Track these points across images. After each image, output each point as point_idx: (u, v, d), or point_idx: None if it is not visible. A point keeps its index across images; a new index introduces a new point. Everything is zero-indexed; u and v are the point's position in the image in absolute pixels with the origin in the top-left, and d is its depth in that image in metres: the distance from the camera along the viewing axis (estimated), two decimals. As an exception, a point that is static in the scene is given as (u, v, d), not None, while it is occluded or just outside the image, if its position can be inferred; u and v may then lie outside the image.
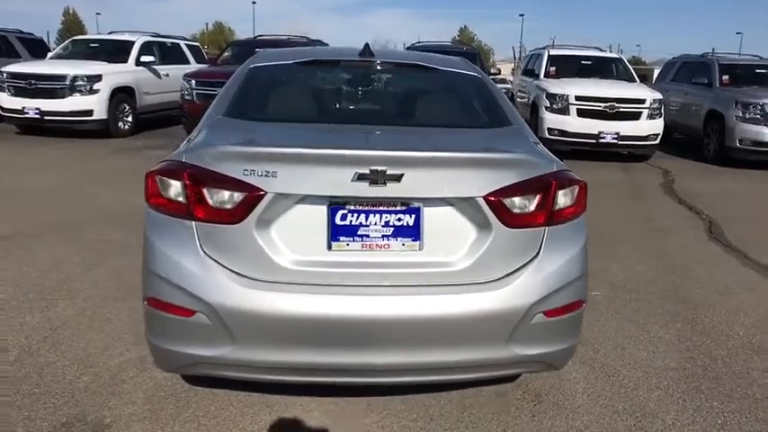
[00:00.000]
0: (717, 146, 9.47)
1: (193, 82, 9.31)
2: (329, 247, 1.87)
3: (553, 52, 10.77)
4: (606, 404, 2.43)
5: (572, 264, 1.99)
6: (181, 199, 1.87)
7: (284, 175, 1.81)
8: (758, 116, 8.92)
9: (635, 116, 9.00)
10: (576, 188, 2.02)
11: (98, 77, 9.37)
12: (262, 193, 1.81)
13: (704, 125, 9.93)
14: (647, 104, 9.05)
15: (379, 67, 2.65)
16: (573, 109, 8.93)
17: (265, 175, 1.80)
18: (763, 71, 10.46)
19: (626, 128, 8.86)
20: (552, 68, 10.31)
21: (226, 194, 1.83)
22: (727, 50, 15.18)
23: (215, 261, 1.85)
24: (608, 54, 11.50)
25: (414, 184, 1.82)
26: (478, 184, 1.88)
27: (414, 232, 1.89)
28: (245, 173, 1.81)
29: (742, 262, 4.41)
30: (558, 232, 1.98)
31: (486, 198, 1.88)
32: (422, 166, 1.84)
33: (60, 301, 3.29)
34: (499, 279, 1.90)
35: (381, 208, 1.87)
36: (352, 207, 1.86)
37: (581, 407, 2.41)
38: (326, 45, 12.69)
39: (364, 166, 1.80)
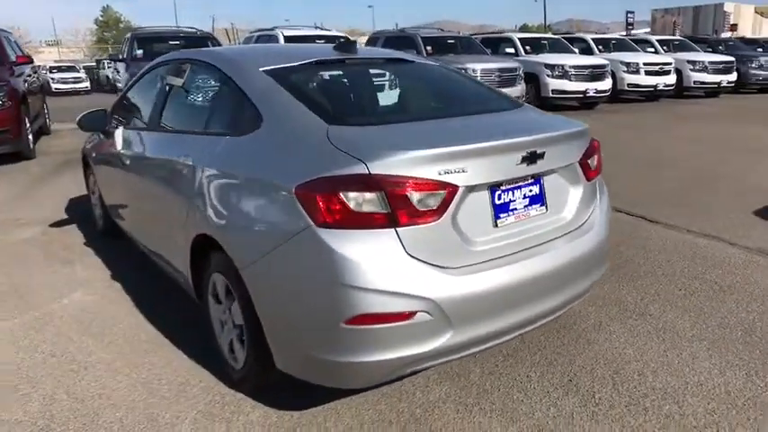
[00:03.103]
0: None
1: None
2: (495, 225, 2.12)
3: (288, 33, 11.22)
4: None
5: (608, 202, 2.67)
6: (379, 209, 1.85)
7: (471, 169, 1.97)
8: (463, 78, 11.15)
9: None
10: None
11: None
12: (455, 188, 1.95)
13: (422, 90, 11.88)
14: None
15: (381, 64, 2.77)
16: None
17: (457, 172, 1.94)
18: (452, 41, 12.96)
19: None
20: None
21: (427, 197, 1.89)
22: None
23: (419, 260, 1.91)
24: (335, 32, 12.52)
25: (546, 159, 2.20)
26: (575, 152, 2.36)
27: (540, 199, 2.27)
28: (441, 173, 1.92)
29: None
30: (599, 180, 2.63)
31: (579, 162, 2.39)
32: (551, 143, 2.22)
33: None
34: (587, 221, 2.45)
35: (520, 184, 2.20)
36: (504, 187, 2.14)
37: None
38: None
39: (524, 149, 2.10)
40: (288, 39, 11.02)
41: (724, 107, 13.87)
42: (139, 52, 9.89)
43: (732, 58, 15.89)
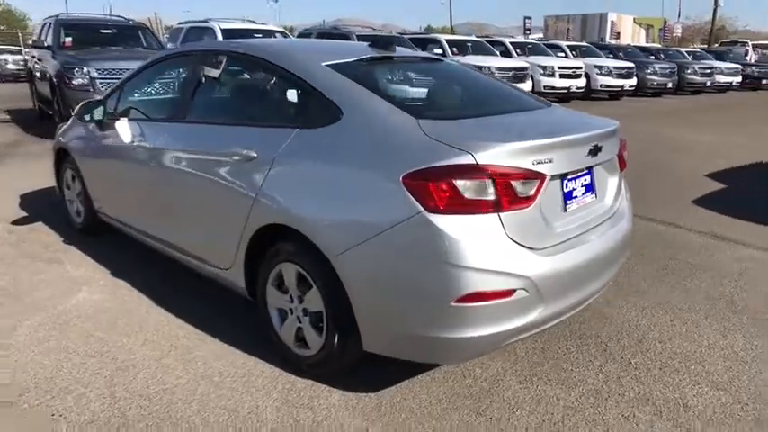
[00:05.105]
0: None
1: None
2: (564, 210, 2.35)
3: (224, 26, 10.91)
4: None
5: (628, 192, 3.01)
6: (486, 196, 2.01)
7: (556, 160, 2.19)
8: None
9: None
10: None
11: None
12: (544, 177, 2.15)
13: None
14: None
15: (424, 62, 2.90)
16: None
17: (546, 162, 2.14)
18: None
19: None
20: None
21: (524, 184, 2.07)
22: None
23: (516, 242, 2.09)
24: (272, 27, 12.31)
25: (602, 152, 2.46)
26: (616, 146, 2.66)
27: (591, 188, 2.53)
28: (534, 163, 2.11)
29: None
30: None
31: (618, 154, 2.69)
32: (607, 138, 2.48)
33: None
34: (619, 208, 2.74)
35: (579, 174, 2.44)
36: (569, 177, 2.37)
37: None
38: None
39: (592, 143, 2.35)
40: (225, 32, 10.72)
41: (630, 109, 15.22)
42: (68, 39, 9.23)
43: (633, 65, 17.47)
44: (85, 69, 8.21)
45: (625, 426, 2.26)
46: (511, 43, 16.98)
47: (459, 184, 2.00)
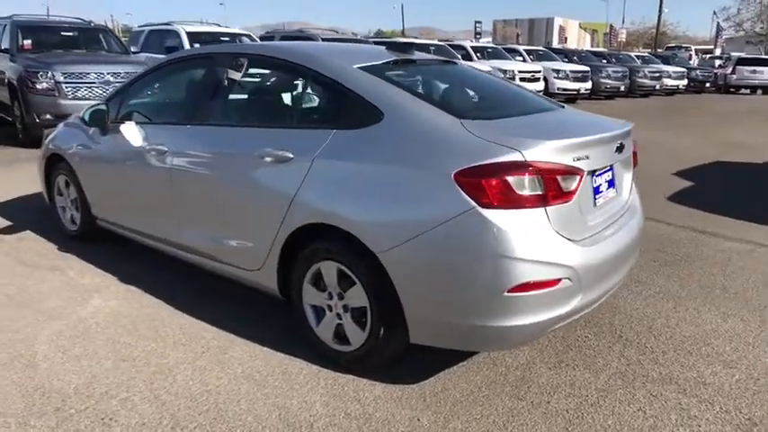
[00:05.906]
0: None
1: None
2: (594, 204, 2.50)
3: (189, 29, 10.75)
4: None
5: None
6: (535, 191, 2.13)
7: (592, 156, 2.33)
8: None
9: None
10: None
11: None
12: (583, 173, 2.29)
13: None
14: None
15: (443, 64, 3.01)
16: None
17: (584, 159, 2.28)
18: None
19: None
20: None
21: (567, 180, 2.20)
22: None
23: (560, 234, 2.21)
24: (237, 30, 12.17)
25: (624, 150, 2.64)
26: (631, 144, 2.84)
27: (613, 183, 2.69)
28: (574, 159, 2.24)
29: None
30: None
31: (633, 152, 2.87)
32: (627, 137, 2.66)
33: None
34: (632, 202, 2.93)
35: (604, 170, 2.60)
36: (597, 173, 2.52)
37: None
38: None
39: (618, 141, 2.51)
40: (191, 35, 10.55)
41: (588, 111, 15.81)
42: (27, 42, 8.89)
43: (588, 68, 18.15)
44: (50, 73, 7.95)
45: (655, 403, 2.42)
46: (472, 47, 17.35)
47: (511, 180, 2.12)
